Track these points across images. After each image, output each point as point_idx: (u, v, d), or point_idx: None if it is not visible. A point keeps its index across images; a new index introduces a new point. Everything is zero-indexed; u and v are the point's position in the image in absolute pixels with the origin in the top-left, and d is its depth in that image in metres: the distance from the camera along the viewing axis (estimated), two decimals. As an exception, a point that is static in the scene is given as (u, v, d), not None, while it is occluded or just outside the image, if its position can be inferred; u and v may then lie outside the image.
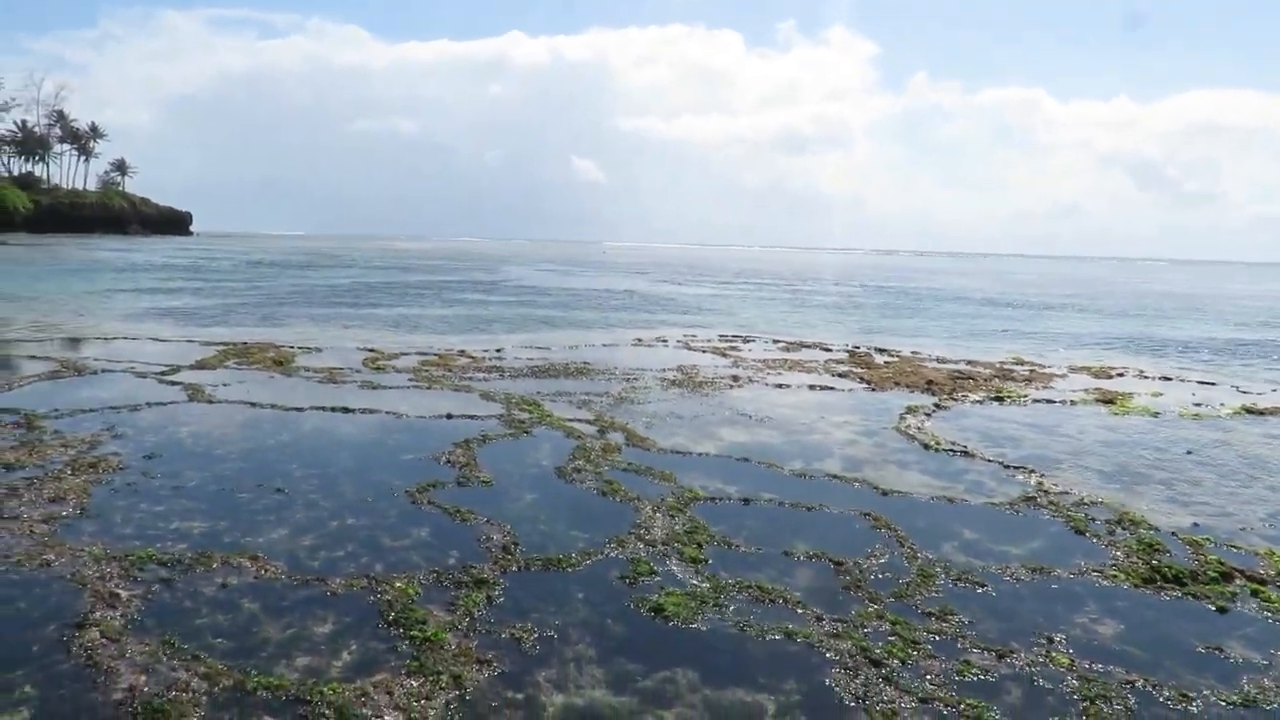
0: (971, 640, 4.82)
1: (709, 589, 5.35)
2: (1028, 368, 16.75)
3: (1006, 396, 13.16)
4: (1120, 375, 16.27)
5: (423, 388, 12.19)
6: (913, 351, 18.92)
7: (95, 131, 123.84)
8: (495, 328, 21.74)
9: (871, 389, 13.60)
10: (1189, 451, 9.86)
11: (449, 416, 10.13)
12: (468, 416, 10.15)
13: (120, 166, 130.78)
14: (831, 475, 8.22)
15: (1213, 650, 4.85)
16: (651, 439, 9.43)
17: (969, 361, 17.38)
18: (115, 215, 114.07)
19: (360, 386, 12.07)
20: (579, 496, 7.26)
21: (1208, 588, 5.74)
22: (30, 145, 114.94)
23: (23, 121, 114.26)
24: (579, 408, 11.04)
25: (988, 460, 9.11)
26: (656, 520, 6.59)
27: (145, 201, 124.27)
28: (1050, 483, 8.27)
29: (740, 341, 19.95)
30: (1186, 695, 4.31)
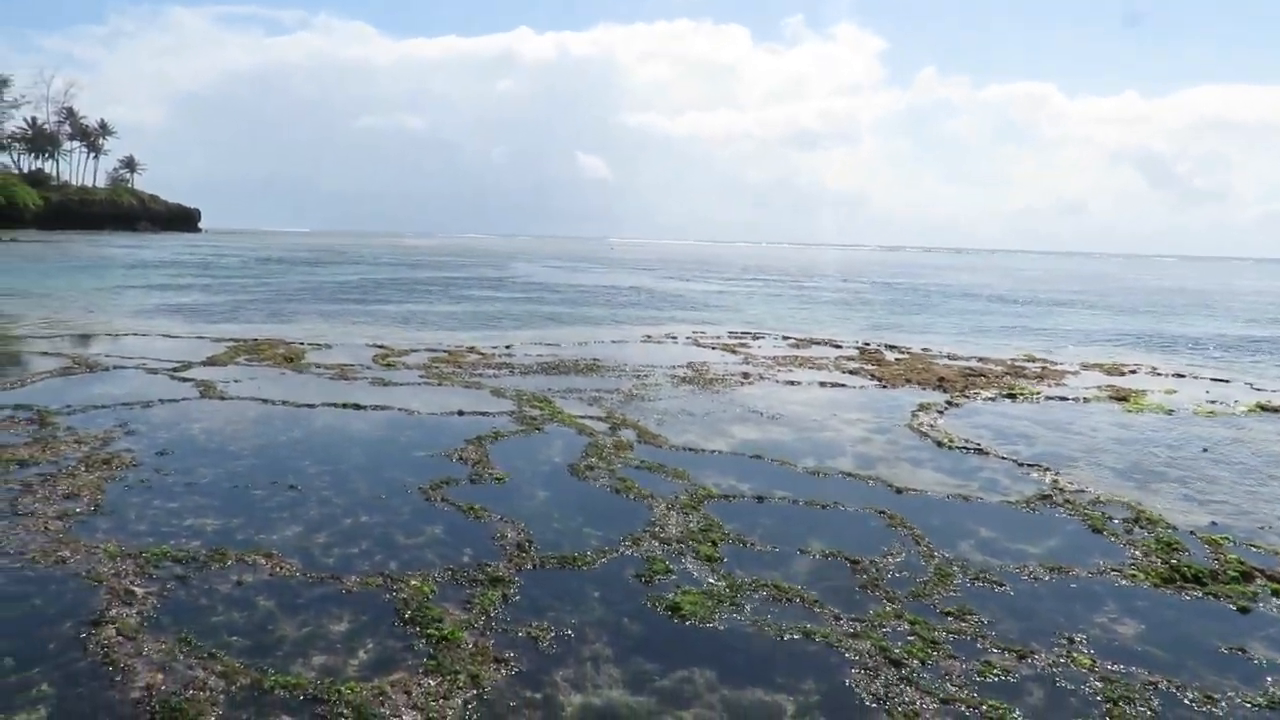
0: (991, 640, 4.78)
1: (725, 588, 5.32)
2: (1039, 364, 16.66)
3: (1019, 394, 13.08)
4: (1133, 372, 16.15)
5: (433, 384, 12.17)
6: (923, 348, 18.84)
7: (104, 129, 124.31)
8: (504, 324, 21.72)
9: (882, 386, 13.54)
10: (1205, 449, 9.79)
11: (460, 413, 10.10)
12: (479, 413, 10.13)
13: (129, 164, 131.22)
14: (845, 473, 8.17)
15: (1235, 651, 4.80)
16: (663, 436, 9.39)
17: (980, 358, 17.29)
18: (124, 212, 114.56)
19: (371, 383, 12.06)
20: (592, 494, 7.24)
21: (1228, 587, 5.68)
22: (40, 142, 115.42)
23: (32, 119, 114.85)
24: (590, 405, 11.02)
25: (1001, 458, 9.05)
26: (671, 518, 6.56)
27: (154, 198, 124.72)
28: (1065, 481, 8.20)
29: (749, 338, 19.89)
30: (1211, 697, 4.26)
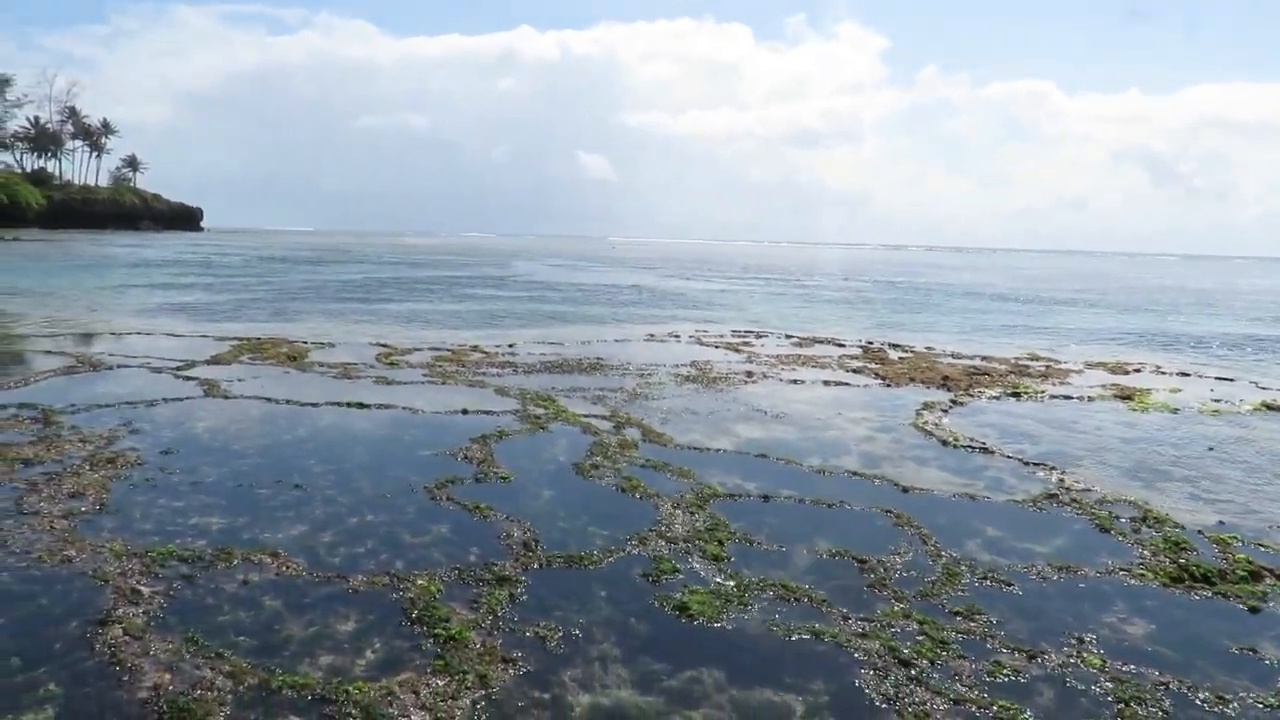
0: (1001, 640, 4.75)
1: (733, 587, 5.30)
2: (1043, 363, 16.63)
3: (1023, 392, 13.06)
4: (1137, 371, 16.12)
5: (437, 383, 12.15)
6: (926, 347, 18.81)
7: (107, 128, 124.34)
8: (507, 323, 21.71)
9: (886, 385, 13.51)
10: (1210, 448, 9.76)
11: (464, 412, 10.09)
12: (483, 412, 10.11)
13: (132, 163, 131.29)
14: (851, 472, 8.15)
15: (1246, 651, 4.77)
16: (668, 435, 9.38)
17: (983, 357, 17.26)
18: (127, 211, 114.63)
19: (375, 382, 12.04)
20: (598, 493, 7.22)
21: (1237, 587, 5.65)
22: (43, 141, 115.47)
23: (35, 118, 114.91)
24: (594, 403, 11.00)
25: (1007, 457, 9.03)
26: (677, 517, 6.54)
27: (157, 197, 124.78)
28: (1071, 480, 8.18)
29: (753, 337, 19.87)
30: (1223, 698, 4.23)
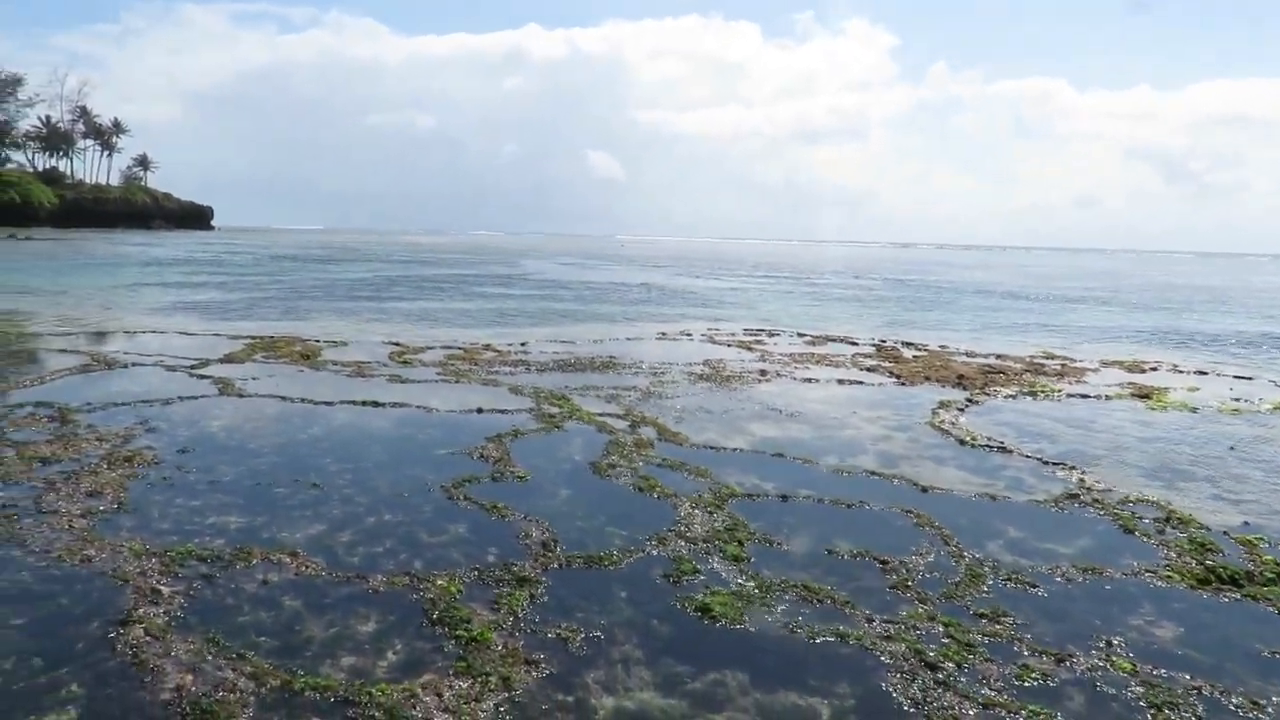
0: (1027, 643, 4.69)
1: (754, 588, 5.25)
2: (1058, 362, 16.50)
3: (1039, 391, 12.96)
4: (1154, 369, 15.98)
5: (450, 382, 12.13)
6: (940, 345, 18.71)
7: (118, 127, 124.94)
8: (518, 321, 21.69)
9: (901, 383, 13.43)
10: (1231, 447, 9.65)
11: (479, 411, 10.06)
12: (498, 411, 10.08)
13: (143, 162, 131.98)
14: (869, 471, 8.09)
15: (1278, 655, 4.70)
16: (683, 434, 9.33)
17: (998, 355, 17.14)
18: (138, 210, 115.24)
19: (388, 380, 12.03)
20: (615, 492, 7.18)
21: (1266, 589, 5.57)
22: (54, 141, 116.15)
23: (47, 117, 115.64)
24: (608, 402, 10.96)
25: (1025, 456, 8.94)
26: (696, 517, 6.49)
27: (168, 196, 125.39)
28: (1092, 480, 8.09)
29: (765, 335, 19.79)
30: (1257, 703, 4.16)
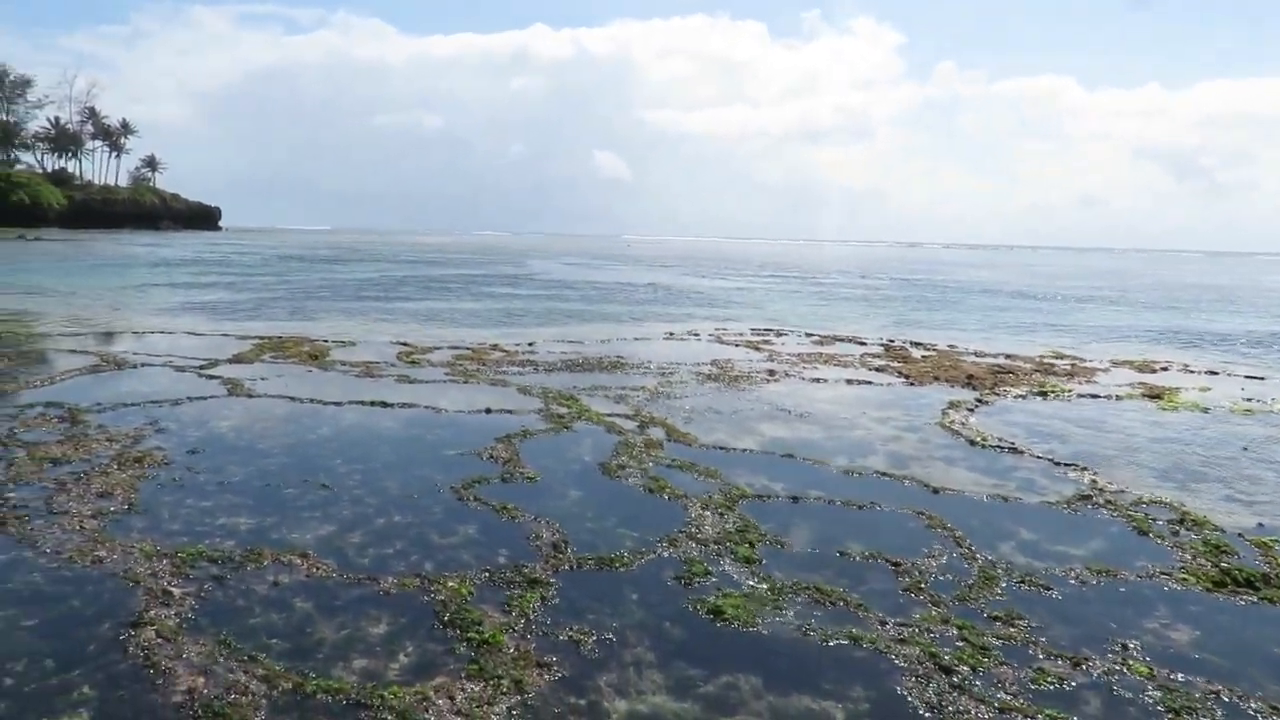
0: (1042, 646, 4.65)
1: (766, 590, 5.22)
2: (1068, 362, 16.42)
3: (1050, 391, 12.89)
4: (1164, 369, 15.89)
5: (459, 382, 12.13)
6: (949, 345, 18.64)
7: (126, 128, 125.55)
8: (525, 321, 21.68)
9: (910, 383, 13.38)
10: (1245, 448, 9.58)
11: (488, 411, 10.05)
12: (506, 411, 10.07)
13: (151, 163, 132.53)
14: (879, 472, 8.05)
15: (1297, 659, 4.65)
16: (692, 434, 9.30)
17: (1007, 355, 17.07)
18: (146, 211, 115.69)
19: (397, 380, 12.03)
20: (625, 493, 7.15)
21: (1283, 592, 5.52)
22: (63, 142, 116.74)
23: (56, 118, 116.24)
24: (616, 402, 10.93)
25: (1037, 457, 8.89)
26: (706, 518, 6.46)
27: (175, 197, 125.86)
28: (1104, 481, 8.04)
29: (772, 335, 19.75)
30: (1276, 707, 4.11)
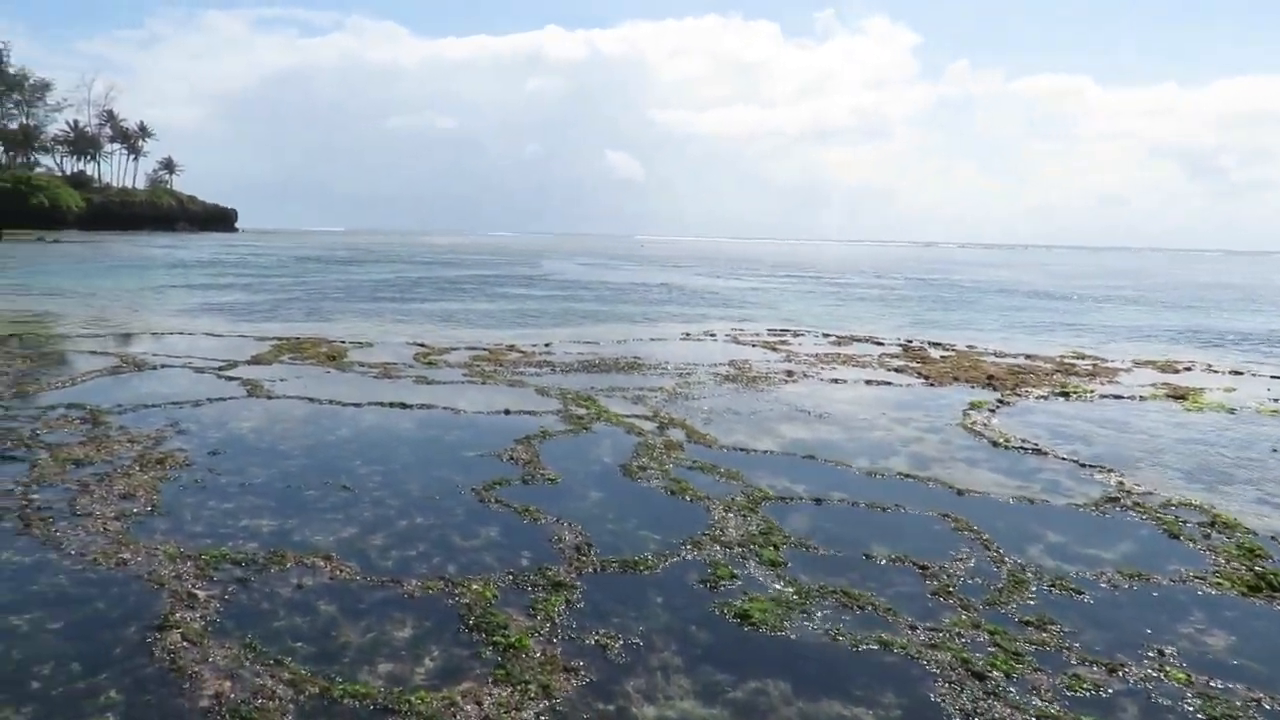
0: (1076, 652, 4.57)
1: (793, 594, 5.16)
2: (1089, 362, 16.25)
3: (1072, 392, 12.75)
4: (1187, 369, 15.70)
5: (477, 383, 12.11)
6: (967, 345, 18.49)
7: (144, 131, 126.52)
8: (541, 322, 21.67)
9: (930, 384, 13.26)
10: (1274, 449, 9.43)
11: (506, 412, 10.02)
12: (525, 412, 10.04)
13: (168, 165, 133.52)
14: (902, 474, 7.96)
15: (1338, 666, 4.55)
16: (711, 435, 9.24)
17: (1027, 355, 16.91)
18: (164, 213, 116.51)
19: (415, 381, 12.02)
20: (647, 495, 7.10)
21: (1320, 597, 5.41)
22: (82, 145, 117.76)
23: (74, 122, 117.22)
24: (634, 403, 10.89)
25: (1061, 458, 8.78)
26: (729, 520, 6.41)
27: (192, 199, 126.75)
28: (1131, 483, 7.92)
29: (789, 335, 19.65)
30: (1320, 716, 4.03)
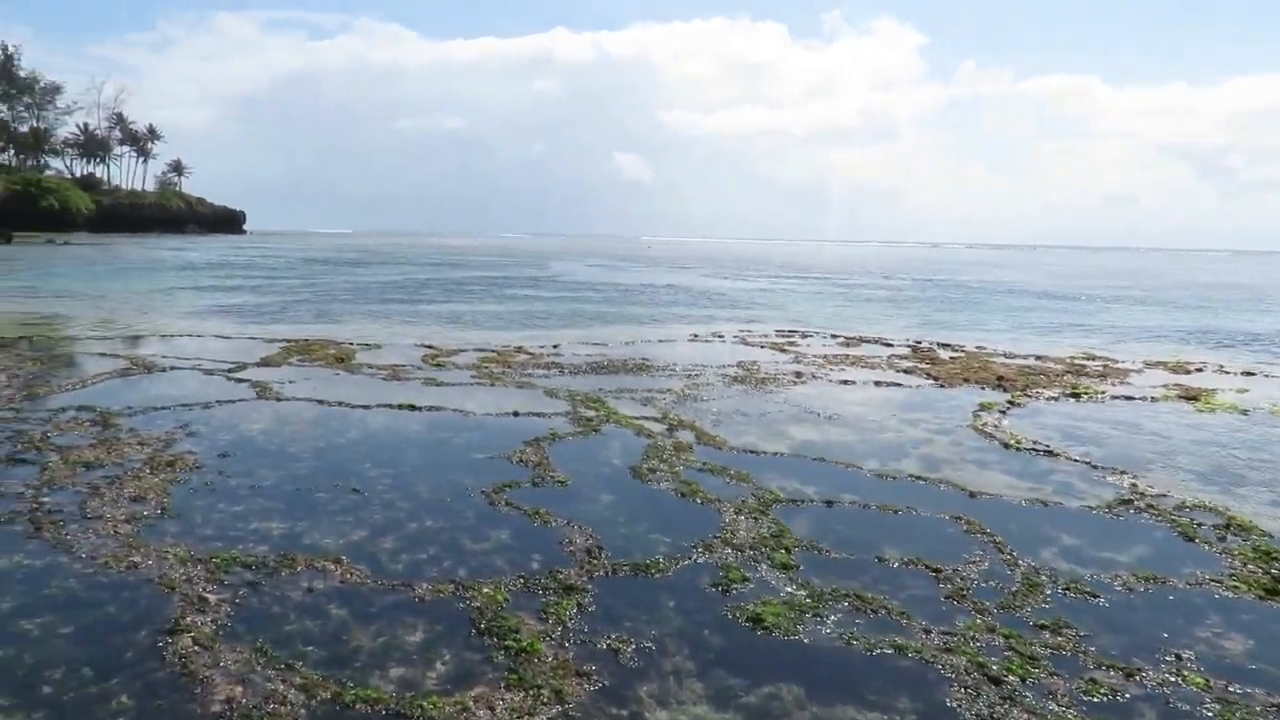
0: (1092, 656, 4.52)
1: (806, 597, 5.12)
2: (1100, 363, 16.16)
3: (1083, 393, 12.67)
4: (1199, 370, 15.60)
5: (485, 384, 12.11)
6: (977, 346, 18.41)
7: (153, 133, 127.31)
8: (549, 323, 21.66)
9: (940, 385, 13.20)
10: (1289, 451, 9.37)
11: (515, 414, 10.01)
12: (534, 414, 10.02)
13: (177, 167, 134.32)
14: (913, 476, 7.92)
15: (1358, 671, 4.50)
16: (721, 437, 9.21)
17: (1037, 356, 16.83)
18: (173, 215, 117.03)
19: (424, 383, 12.02)
20: (657, 497, 7.07)
21: (1339, 601, 5.35)
22: (92, 147, 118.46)
23: (84, 124, 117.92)
24: (643, 405, 10.86)
25: (1073, 460, 8.73)
26: (740, 523, 6.38)
27: (201, 201, 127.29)
28: (1144, 484, 7.87)
29: (797, 336, 19.60)
30: (1341, 722, 3.98)
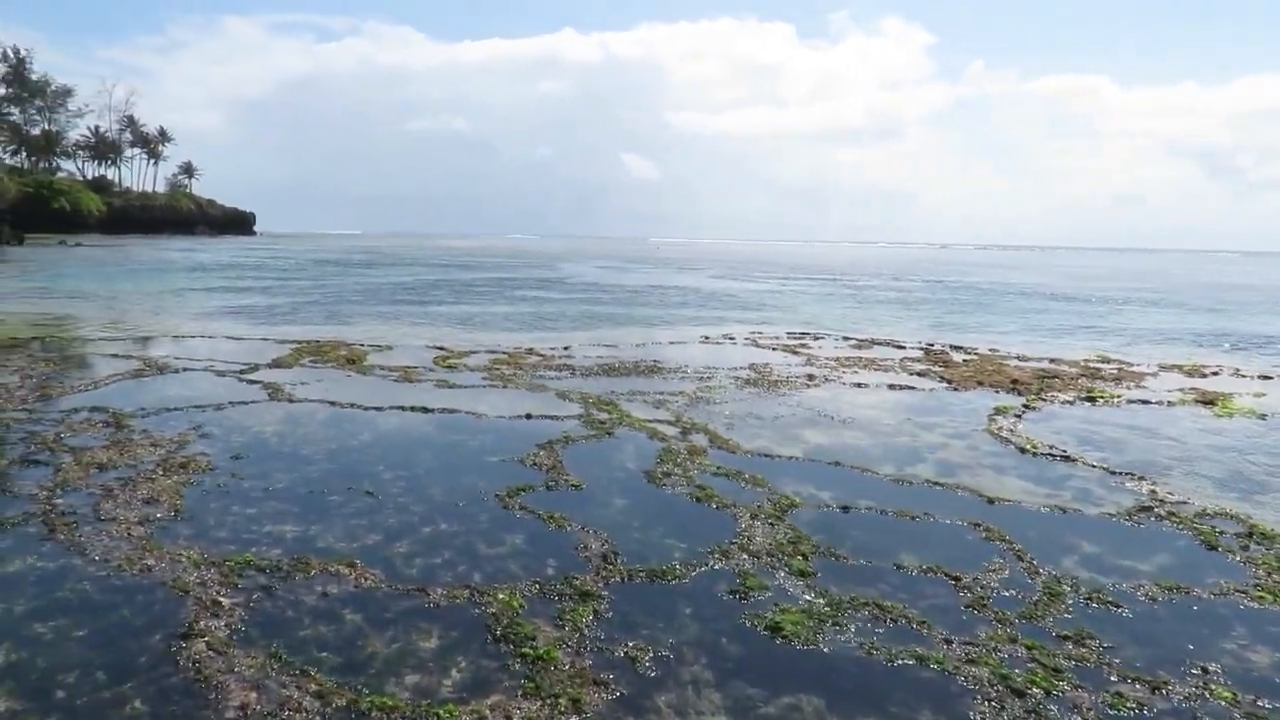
0: (1117, 668, 4.45)
1: (825, 606, 5.06)
2: (1115, 366, 16.03)
3: (1099, 397, 12.55)
4: (1215, 374, 15.45)
5: (497, 387, 12.07)
6: (990, 348, 18.28)
7: (163, 136, 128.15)
8: (560, 325, 21.63)
9: (953, 388, 13.11)
10: (1310, 458, 9.24)
11: (528, 417, 9.97)
12: (547, 417, 9.98)
13: (187, 169, 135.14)
14: (929, 481, 7.84)
15: (1390, 684, 4.40)
16: (735, 441, 9.14)
17: (1051, 359, 16.70)
18: (183, 216, 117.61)
19: (435, 385, 11.99)
20: (672, 502, 7.02)
21: (1367, 611, 5.26)
22: (103, 150, 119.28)
23: (96, 127, 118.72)
24: (656, 408, 10.81)
25: (1091, 465, 8.63)
26: (756, 529, 6.31)
27: (211, 203, 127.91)
28: (1164, 491, 7.77)
29: (809, 338, 19.51)
30: (1375, 737, 3.90)
